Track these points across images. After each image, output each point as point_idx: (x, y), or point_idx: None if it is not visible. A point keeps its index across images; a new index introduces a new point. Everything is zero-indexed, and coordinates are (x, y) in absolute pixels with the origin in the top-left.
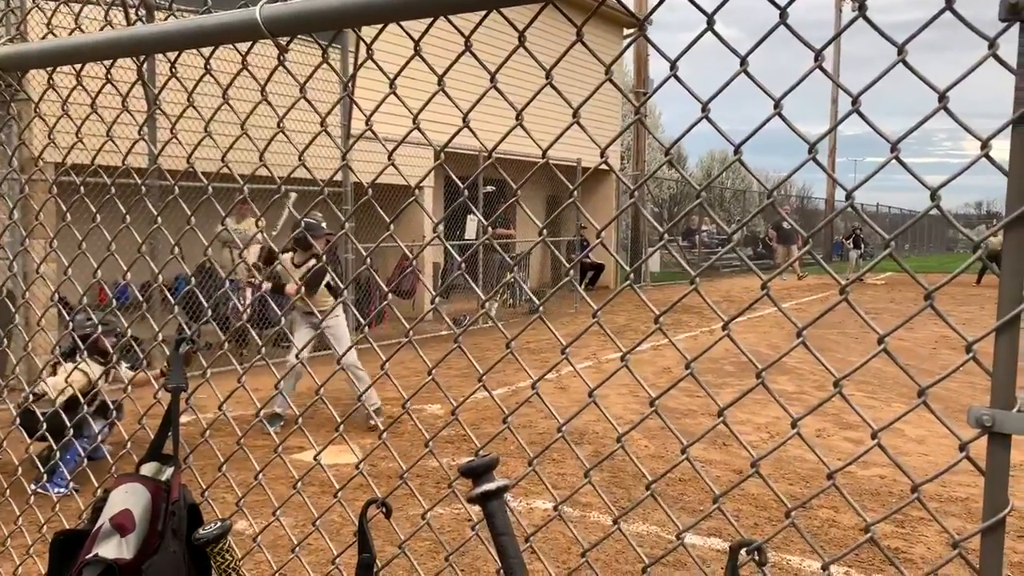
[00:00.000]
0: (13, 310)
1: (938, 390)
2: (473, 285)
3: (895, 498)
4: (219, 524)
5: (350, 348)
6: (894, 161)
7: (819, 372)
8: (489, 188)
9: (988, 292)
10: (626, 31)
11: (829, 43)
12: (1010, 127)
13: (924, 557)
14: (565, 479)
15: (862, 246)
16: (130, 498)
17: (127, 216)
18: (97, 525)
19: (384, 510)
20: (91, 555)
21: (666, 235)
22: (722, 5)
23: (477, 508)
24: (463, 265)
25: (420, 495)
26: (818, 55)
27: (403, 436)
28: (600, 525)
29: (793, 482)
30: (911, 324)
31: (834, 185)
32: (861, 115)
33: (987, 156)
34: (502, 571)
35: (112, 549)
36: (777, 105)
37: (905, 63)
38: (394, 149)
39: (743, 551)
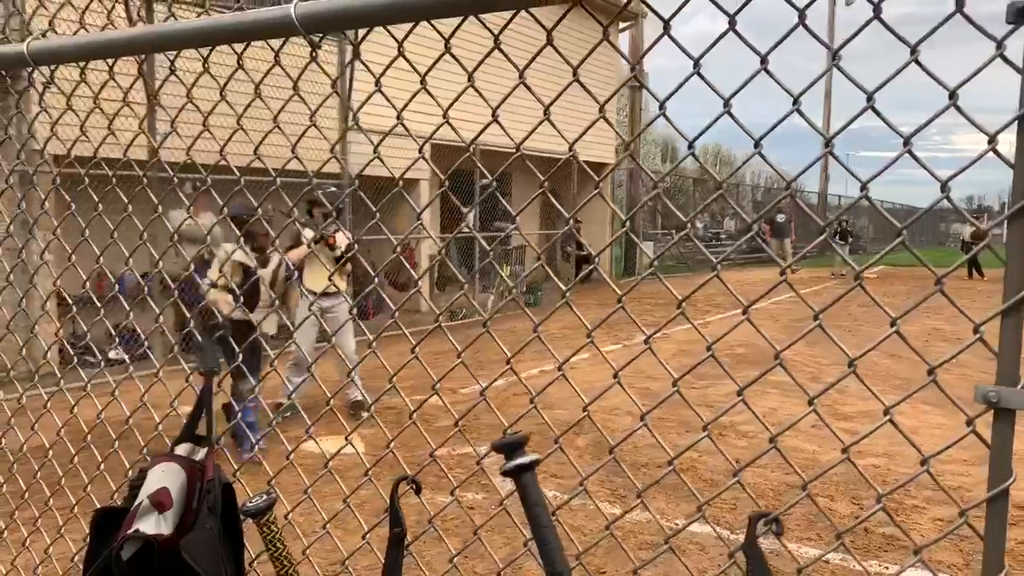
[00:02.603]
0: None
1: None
2: (500, 273)
3: (889, 487)
4: (265, 497)
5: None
6: (886, 156)
7: (812, 364)
8: (487, 180)
9: (980, 286)
10: (622, 24)
11: (846, 43)
12: (1016, 122)
13: (918, 545)
14: (566, 468)
15: (848, 239)
16: (167, 477)
17: (129, 206)
18: (137, 502)
19: (414, 487)
20: (132, 530)
21: (689, 224)
22: (744, 5)
23: (476, 496)
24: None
25: (424, 484)
26: (835, 54)
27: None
28: (604, 513)
29: (789, 472)
30: (904, 318)
31: (827, 180)
32: (876, 111)
33: (994, 150)
34: (534, 540)
35: (151, 525)
36: (796, 101)
37: (918, 63)
38: (380, 142)
39: (760, 522)
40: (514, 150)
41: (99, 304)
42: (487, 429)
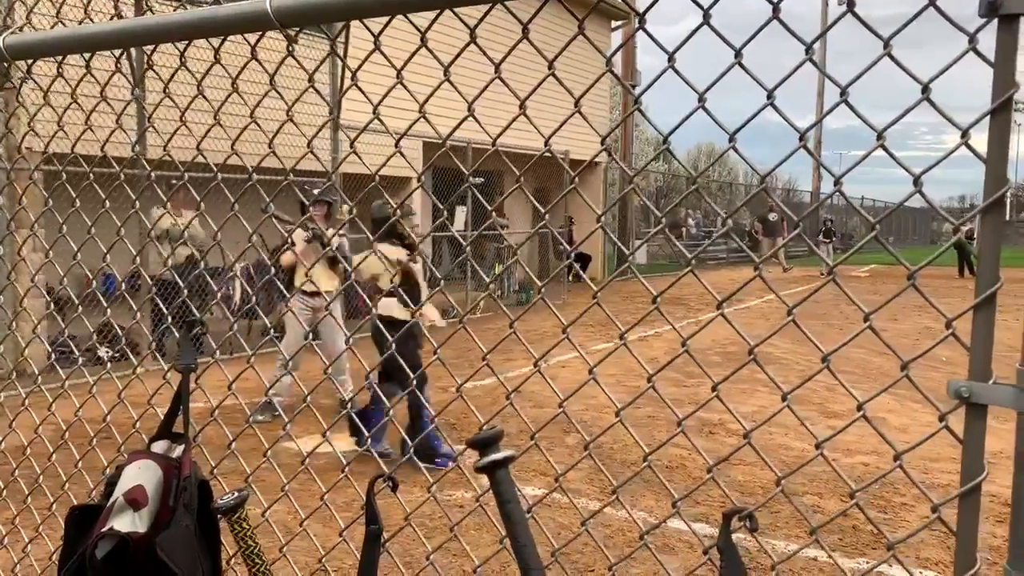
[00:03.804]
0: None
1: (919, 380)
2: (477, 268)
3: (877, 484)
4: (236, 494)
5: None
6: (877, 155)
7: (803, 363)
8: (478, 180)
9: (970, 285)
10: (614, 23)
11: (819, 37)
12: (988, 117)
13: (907, 542)
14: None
15: (833, 237)
16: (143, 474)
17: (106, 202)
18: (111, 500)
19: (391, 484)
20: (106, 528)
21: (664, 219)
22: (717, 1)
23: (465, 495)
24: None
25: (411, 482)
26: (808, 48)
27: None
28: (589, 511)
29: (781, 470)
30: (895, 315)
31: (819, 178)
32: (850, 105)
33: (967, 145)
34: (507, 537)
35: (126, 523)
36: (770, 96)
37: (891, 56)
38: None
39: (735, 518)
40: (509, 150)
41: (77, 302)
42: (473, 427)
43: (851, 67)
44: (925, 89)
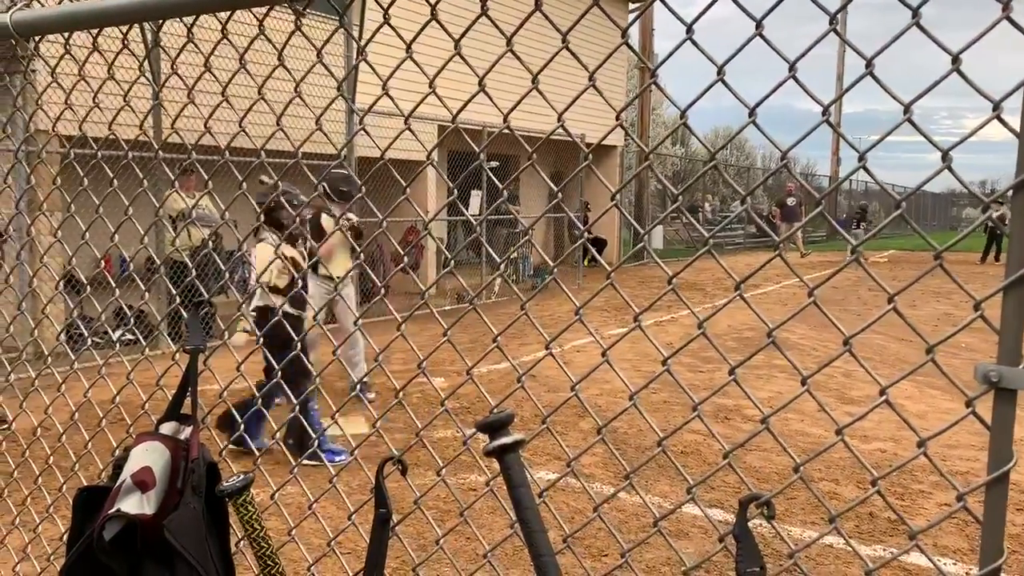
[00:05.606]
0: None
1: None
2: (490, 253)
3: (896, 471)
4: (242, 477)
5: (363, 312)
6: (897, 139)
7: (821, 349)
8: (493, 163)
9: (992, 271)
10: (631, 5)
11: (843, 7)
12: (1022, 89)
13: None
14: (570, 451)
15: (866, 224)
16: (150, 456)
17: (114, 181)
18: (119, 482)
19: (400, 467)
20: (113, 510)
21: (680, 198)
22: None
23: (479, 478)
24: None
25: (426, 465)
26: (832, 19)
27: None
28: (603, 496)
29: (795, 455)
30: (913, 301)
31: (838, 163)
32: (874, 77)
33: (999, 118)
34: (517, 523)
35: (134, 504)
36: (792, 68)
37: (919, 26)
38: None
39: (752, 504)
40: (525, 133)
41: (86, 283)
42: (488, 411)
43: (870, 49)
44: (955, 60)
